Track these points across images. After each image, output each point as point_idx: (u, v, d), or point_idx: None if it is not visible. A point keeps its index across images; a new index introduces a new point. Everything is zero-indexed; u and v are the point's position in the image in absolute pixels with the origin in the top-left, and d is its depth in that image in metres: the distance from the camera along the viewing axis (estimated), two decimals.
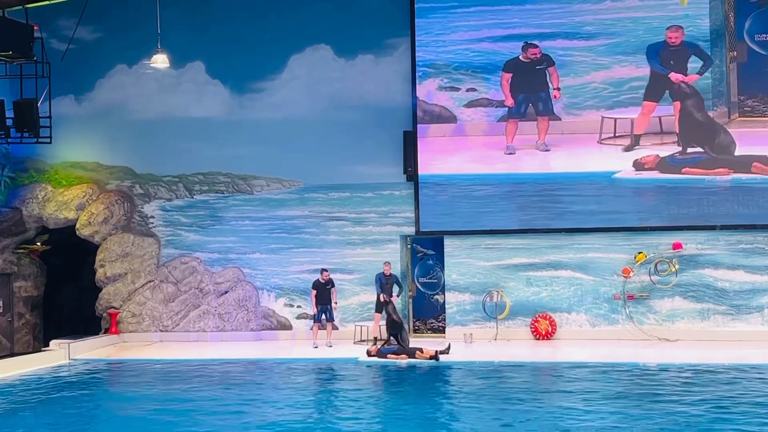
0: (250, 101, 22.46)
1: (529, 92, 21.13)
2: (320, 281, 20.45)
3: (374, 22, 21.80)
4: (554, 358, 18.81)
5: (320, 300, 20.44)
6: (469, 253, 21.34)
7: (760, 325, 20.00)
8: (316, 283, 20.51)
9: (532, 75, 21.09)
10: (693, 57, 20.37)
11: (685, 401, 13.82)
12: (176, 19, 21.75)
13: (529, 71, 21.10)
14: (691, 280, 20.36)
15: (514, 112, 21.21)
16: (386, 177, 21.79)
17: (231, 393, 15.72)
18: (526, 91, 21.16)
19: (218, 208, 22.62)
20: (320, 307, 20.44)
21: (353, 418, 13.41)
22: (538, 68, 21.05)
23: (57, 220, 22.71)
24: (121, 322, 22.46)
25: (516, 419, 13.00)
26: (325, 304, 20.45)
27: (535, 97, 21.11)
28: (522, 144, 21.14)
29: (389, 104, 21.77)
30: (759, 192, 20.09)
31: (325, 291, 20.43)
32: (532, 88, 21.08)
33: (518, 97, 21.17)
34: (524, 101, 21.18)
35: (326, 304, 20.46)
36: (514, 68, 21.16)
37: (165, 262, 22.67)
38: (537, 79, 21.06)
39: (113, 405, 15.19)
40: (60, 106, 22.08)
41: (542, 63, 21.02)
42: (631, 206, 20.64)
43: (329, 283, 20.47)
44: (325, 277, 20.43)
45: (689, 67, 20.40)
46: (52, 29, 22.13)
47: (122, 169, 23.01)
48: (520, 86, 21.16)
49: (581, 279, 20.86)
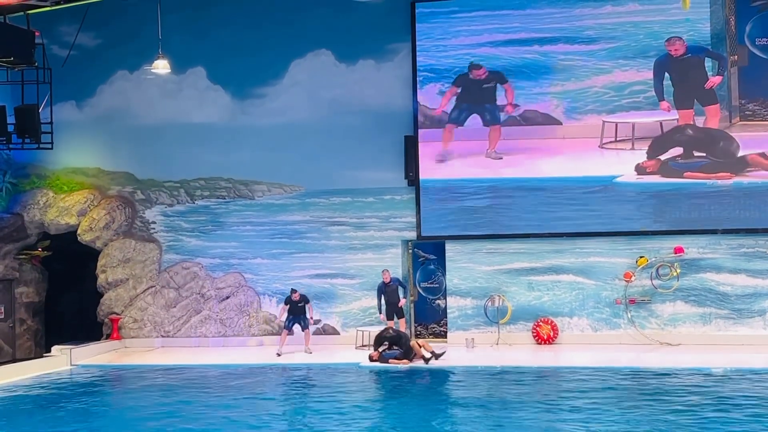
0: (252, 107, 22.46)
1: (473, 104, 21.26)
2: (292, 299, 20.41)
3: (375, 27, 21.80)
4: (556, 362, 18.81)
5: (293, 312, 20.42)
6: (471, 258, 21.33)
7: (762, 329, 19.96)
8: (288, 300, 20.49)
9: (479, 91, 21.23)
10: (706, 59, 20.33)
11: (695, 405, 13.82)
12: (177, 25, 21.74)
13: (476, 87, 21.25)
14: (692, 284, 20.33)
15: (453, 118, 21.31)
16: (387, 182, 21.79)
17: (229, 398, 15.72)
18: (470, 102, 21.27)
19: (219, 213, 22.62)
20: (293, 317, 20.41)
21: (351, 423, 13.42)
22: (485, 86, 21.18)
23: (58, 225, 22.71)
24: (122, 328, 22.46)
25: (517, 424, 13.00)
26: (299, 314, 20.44)
27: (480, 108, 21.22)
28: (525, 151, 21.11)
29: (390, 109, 21.76)
30: (760, 195, 20.05)
31: (297, 308, 20.39)
32: (477, 101, 21.23)
33: (462, 106, 21.30)
34: (467, 110, 21.26)
35: (299, 314, 20.44)
36: (462, 83, 21.31)
37: (166, 267, 22.67)
38: (483, 94, 21.21)
39: (114, 411, 15.22)
40: (61, 112, 22.07)
41: (490, 81, 21.14)
42: (633, 210, 20.60)
43: (302, 300, 20.42)
44: (296, 297, 20.35)
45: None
46: (54, 35, 22.13)
47: (123, 174, 23.01)
48: (466, 99, 21.32)
49: (583, 283, 20.83)
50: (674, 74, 20.49)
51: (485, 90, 21.22)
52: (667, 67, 20.47)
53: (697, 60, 20.37)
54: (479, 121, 21.34)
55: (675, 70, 20.47)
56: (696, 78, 20.40)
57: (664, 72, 20.48)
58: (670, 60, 20.46)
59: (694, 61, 20.38)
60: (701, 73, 20.36)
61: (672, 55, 20.39)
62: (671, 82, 20.49)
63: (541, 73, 21.10)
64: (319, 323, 21.60)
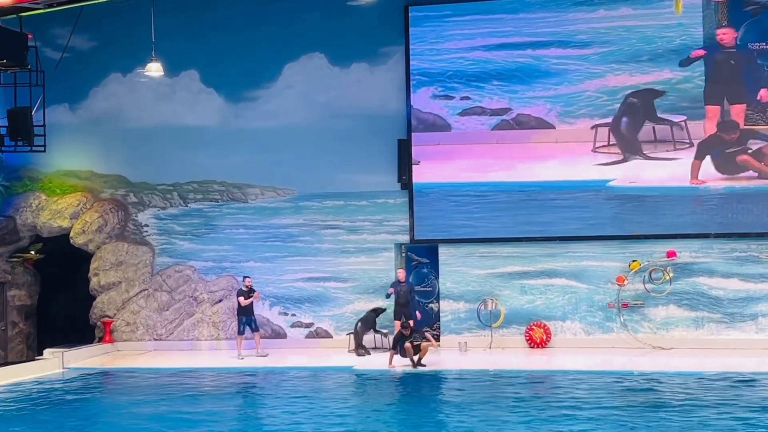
0: (245, 110, 22.44)
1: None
2: (243, 289, 20.53)
3: (369, 30, 21.79)
4: (549, 366, 18.82)
5: (243, 311, 20.50)
6: (464, 262, 21.33)
7: (755, 333, 19.98)
8: (240, 291, 20.62)
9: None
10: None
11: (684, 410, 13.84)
12: (170, 28, 21.70)
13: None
14: (685, 289, 20.35)
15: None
16: (381, 185, 21.79)
17: (223, 402, 15.71)
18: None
19: (212, 216, 22.60)
20: (244, 319, 20.49)
21: (342, 425, 13.43)
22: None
23: (51, 228, 22.67)
24: (115, 331, 22.42)
25: (510, 428, 13.00)
26: (249, 315, 20.51)
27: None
28: (518, 155, 21.13)
29: (384, 113, 21.76)
30: (752, 199, 20.08)
31: (248, 303, 20.52)
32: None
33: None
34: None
35: (250, 315, 20.53)
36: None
37: (159, 270, 22.64)
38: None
39: (106, 413, 15.18)
40: (54, 115, 22.05)
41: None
42: (626, 214, 20.62)
43: (252, 290, 20.61)
44: (248, 283, 20.59)
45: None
46: (47, 38, 22.10)
47: (116, 177, 22.99)
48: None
49: (576, 287, 20.85)
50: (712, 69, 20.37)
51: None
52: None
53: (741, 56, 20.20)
54: (474, 125, 21.33)
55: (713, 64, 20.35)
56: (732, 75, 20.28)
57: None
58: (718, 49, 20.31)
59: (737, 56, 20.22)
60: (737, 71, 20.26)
61: (720, 44, 20.14)
62: (705, 77, 20.38)
63: (534, 77, 21.12)
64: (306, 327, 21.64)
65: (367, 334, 20.76)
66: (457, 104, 21.46)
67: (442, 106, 21.49)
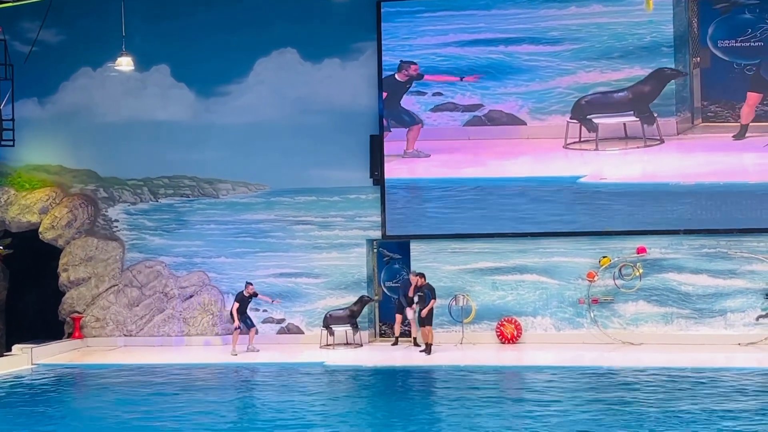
0: (216, 105, 22.33)
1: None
2: (244, 295, 20.46)
3: (340, 26, 21.74)
4: (520, 362, 18.92)
5: (241, 312, 20.47)
6: (435, 257, 21.35)
7: (723, 329, 20.13)
8: (240, 296, 20.53)
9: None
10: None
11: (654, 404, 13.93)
12: (141, 22, 21.61)
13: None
14: (654, 285, 20.47)
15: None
16: (352, 181, 21.75)
17: (193, 398, 15.67)
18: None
19: (183, 211, 22.49)
20: (240, 317, 20.47)
21: (312, 423, 13.42)
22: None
23: (20, 223, 22.50)
24: (84, 327, 22.28)
25: (481, 423, 13.04)
26: (244, 313, 20.53)
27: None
28: (490, 152, 21.18)
29: (355, 108, 21.73)
30: (721, 197, 20.20)
31: (245, 305, 20.50)
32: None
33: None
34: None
35: (244, 313, 20.55)
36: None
37: (129, 266, 22.52)
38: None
39: (74, 410, 15.11)
40: (23, 109, 21.91)
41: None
42: (596, 210, 20.71)
43: (252, 296, 20.55)
44: (250, 290, 20.46)
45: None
46: (16, 31, 21.92)
47: (86, 172, 22.83)
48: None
49: (546, 283, 20.92)
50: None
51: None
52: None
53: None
54: (446, 121, 21.36)
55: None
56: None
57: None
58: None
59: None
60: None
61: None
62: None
63: (506, 73, 21.16)
64: (283, 320, 21.63)
65: (344, 325, 20.71)
66: (429, 100, 21.46)
67: (414, 101, 21.49)
